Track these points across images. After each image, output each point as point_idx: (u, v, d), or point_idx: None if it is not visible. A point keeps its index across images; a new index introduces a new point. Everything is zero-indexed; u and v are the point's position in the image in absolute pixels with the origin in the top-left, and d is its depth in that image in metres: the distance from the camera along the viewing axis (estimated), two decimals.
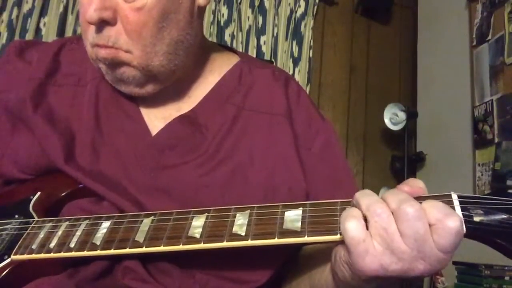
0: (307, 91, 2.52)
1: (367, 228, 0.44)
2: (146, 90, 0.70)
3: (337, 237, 0.47)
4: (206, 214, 0.55)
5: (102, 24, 0.63)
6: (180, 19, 0.67)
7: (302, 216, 0.50)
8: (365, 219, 0.45)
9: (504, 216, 0.43)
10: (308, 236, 0.48)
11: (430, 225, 0.42)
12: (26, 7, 2.20)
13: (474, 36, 2.28)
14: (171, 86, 0.72)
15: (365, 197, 0.46)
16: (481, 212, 0.44)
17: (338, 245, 0.48)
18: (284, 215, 0.51)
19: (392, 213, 0.44)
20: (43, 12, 2.23)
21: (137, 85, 0.69)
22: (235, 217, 0.53)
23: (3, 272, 0.58)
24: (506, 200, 0.44)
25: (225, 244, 0.51)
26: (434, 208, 0.42)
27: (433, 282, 2.08)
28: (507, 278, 1.75)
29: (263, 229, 0.51)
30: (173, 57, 0.68)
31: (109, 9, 0.62)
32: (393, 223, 0.43)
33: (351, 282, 0.48)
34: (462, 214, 0.44)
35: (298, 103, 0.78)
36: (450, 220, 0.41)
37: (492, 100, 2.09)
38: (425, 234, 0.42)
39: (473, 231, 0.43)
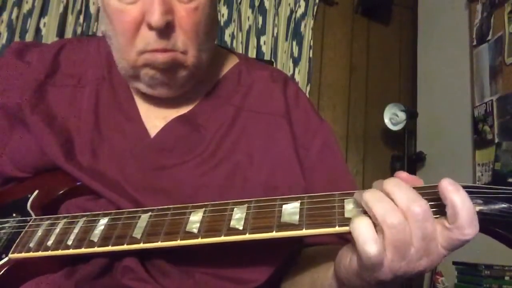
0: (307, 91, 2.53)
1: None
2: (183, 90, 0.71)
3: (334, 230, 0.47)
4: (203, 209, 0.55)
5: (165, 29, 0.62)
6: (216, 15, 0.71)
7: (300, 209, 0.50)
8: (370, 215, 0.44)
9: (504, 206, 0.43)
10: (306, 229, 0.48)
11: (448, 222, 0.42)
12: (26, 7, 2.20)
13: (474, 36, 2.28)
14: None
15: (377, 203, 0.43)
16: (481, 201, 0.43)
17: (343, 253, 0.48)
18: (282, 208, 0.51)
19: None
20: (43, 12, 2.23)
21: (178, 87, 0.70)
22: (232, 211, 0.53)
23: (1, 271, 0.58)
24: (505, 189, 0.43)
25: (222, 238, 0.51)
26: (466, 214, 0.41)
27: (433, 282, 2.08)
28: (507, 278, 1.75)
29: (261, 223, 0.51)
30: (211, 52, 0.72)
31: (170, 12, 0.62)
32: (409, 234, 0.42)
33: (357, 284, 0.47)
34: None
35: (297, 104, 0.78)
36: (470, 229, 0.41)
37: (492, 100, 2.09)
38: (432, 233, 0.42)
39: None
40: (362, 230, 0.43)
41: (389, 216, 0.42)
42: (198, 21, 0.65)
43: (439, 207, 0.44)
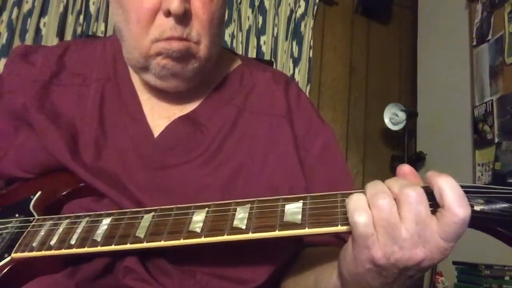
0: (307, 91, 2.53)
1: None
2: (191, 84, 0.71)
3: (337, 229, 0.47)
4: (206, 208, 0.55)
5: (183, 16, 0.63)
6: (225, 13, 0.72)
7: (302, 209, 0.50)
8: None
9: (505, 205, 0.43)
10: (308, 228, 0.48)
11: (440, 207, 0.42)
12: (26, 7, 2.20)
13: (474, 36, 2.28)
14: None
15: (371, 185, 0.45)
16: (482, 201, 0.44)
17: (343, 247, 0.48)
18: (284, 208, 0.51)
19: (394, 198, 0.44)
20: (43, 12, 2.23)
21: (187, 79, 0.70)
22: (235, 211, 0.53)
23: (3, 270, 0.59)
24: (506, 189, 0.44)
25: (225, 237, 0.51)
26: (452, 193, 0.42)
27: (433, 282, 2.08)
28: (507, 278, 1.75)
29: (264, 222, 0.51)
30: (220, 46, 0.73)
31: (187, 1, 0.63)
32: (395, 215, 0.43)
33: (356, 276, 0.47)
34: None
35: (298, 106, 0.78)
36: (460, 209, 0.41)
37: (492, 100, 2.09)
38: (426, 218, 0.42)
39: (474, 220, 0.43)
40: (354, 201, 0.44)
41: (377, 197, 0.43)
42: (213, 12, 0.66)
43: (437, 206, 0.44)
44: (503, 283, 1.74)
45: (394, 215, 0.43)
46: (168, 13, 0.62)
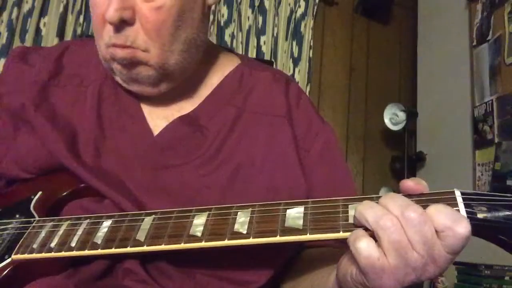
0: (307, 91, 2.52)
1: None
2: (159, 89, 0.70)
3: (339, 235, 0.47)
4: (207, 212, 0.55)
5: (121, 24, 0.63)
6: (194, 17, 0.68)
7: (304, 214, 0.50)
8: (371, 234, 0.44)
9: (508, 213, 0.42)
10: (310, 234, 0.48)
11: (437, 232, 0.42)
12: (26, 7, 2.20)
13: (474, 36, 2.28)
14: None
15: (369, 210, 0.44)
16: (485, 209, 0.43)
17: (347, 264, 0.47)
18: (286, 212, 0.51)
19: None
20: (43, 12, 2.23)
21: (150, 85, 0.69)
22: (236, 215, 0.53)
23: (4, 272, 0.58)
24: (510, 197, 0.43)
25: (226, 242, 0.51)
26: (441, 214, 0.42)
27: (433, 282, 2.08)
28: (507, 278, 1.75)
29: (265, 227, 0.51)
30: (187, 55, 0.69)
31: (128, 9, 0.62)
32: (404, 234, 0.42)
33: None
34: (466, 210, 0.44)
35: (298, 105, 0.78)
36: (460, 227, 0.41)
37: (492, 100, 2.09)
38: (433, 237, 0.42)
39: (477, 228, 0.42)
40: (352, 234, 0.44)
41: (381, 219, 0.43)
42: (161, 21, 0.64)
43: None
44: (503, 283, 1.74)
45: (403, 234, 0.42)
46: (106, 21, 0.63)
